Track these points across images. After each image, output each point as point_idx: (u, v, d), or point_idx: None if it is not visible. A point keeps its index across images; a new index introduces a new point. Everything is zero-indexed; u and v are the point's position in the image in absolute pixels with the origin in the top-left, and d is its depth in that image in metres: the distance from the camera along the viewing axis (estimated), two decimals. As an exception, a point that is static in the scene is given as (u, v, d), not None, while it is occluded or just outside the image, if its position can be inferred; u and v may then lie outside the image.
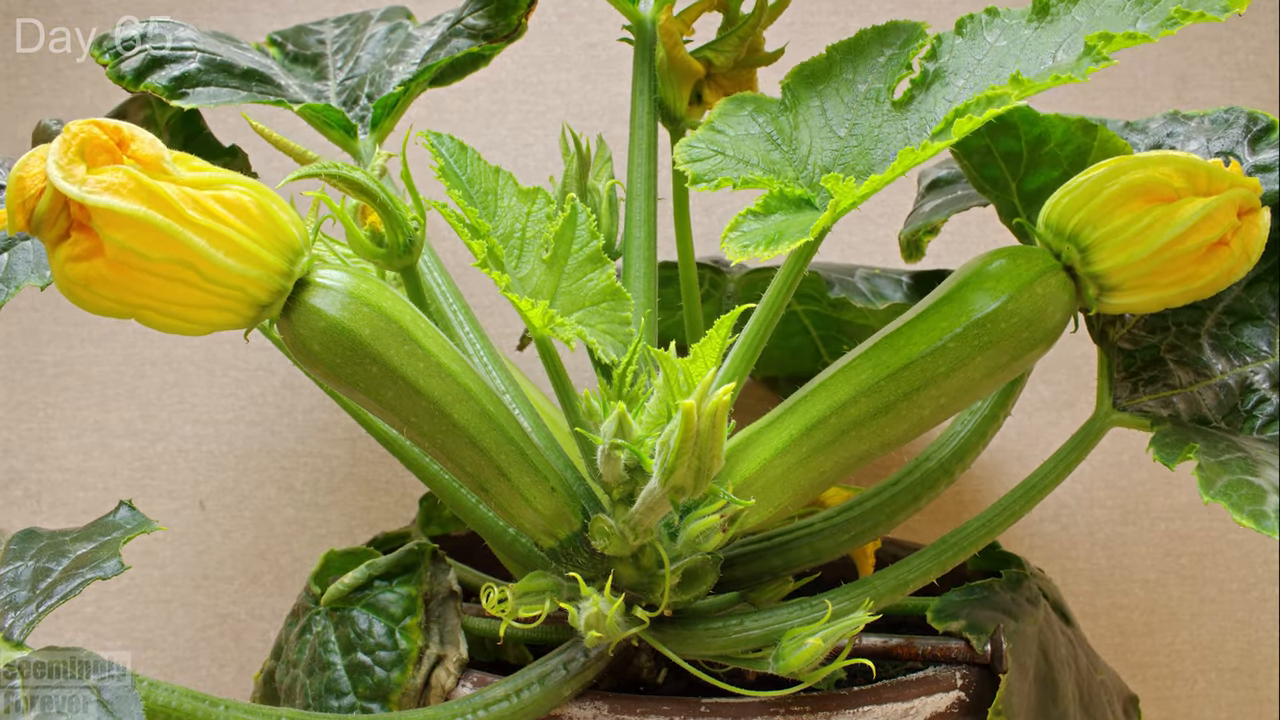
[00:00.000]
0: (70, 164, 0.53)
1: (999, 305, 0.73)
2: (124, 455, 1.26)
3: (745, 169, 0.80)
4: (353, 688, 0.78)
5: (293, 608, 0.89)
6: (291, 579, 1.26)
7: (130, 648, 1.24)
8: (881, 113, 0.82)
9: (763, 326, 0.81)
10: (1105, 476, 1.28)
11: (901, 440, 0.78)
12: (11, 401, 1.26)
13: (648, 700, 0.76)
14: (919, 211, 1.01)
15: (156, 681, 0.66)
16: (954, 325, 0.74)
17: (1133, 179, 0.71)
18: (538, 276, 0.79)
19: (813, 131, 0.84)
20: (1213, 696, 1.27)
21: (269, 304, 0.64)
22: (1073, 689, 0.85)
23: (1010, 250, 0.76)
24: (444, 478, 0.83)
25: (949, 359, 0.74)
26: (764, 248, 0.71)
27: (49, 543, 0.74)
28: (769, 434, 0.77)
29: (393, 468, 1.27)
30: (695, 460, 0.64)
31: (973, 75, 0.78)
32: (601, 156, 0.96)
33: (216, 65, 0.89)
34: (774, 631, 0.77)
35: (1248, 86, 1.31)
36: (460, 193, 0.80)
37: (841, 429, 0.76)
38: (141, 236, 0.56)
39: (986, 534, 0.82)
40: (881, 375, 0.74)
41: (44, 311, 1.27)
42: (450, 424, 0.71)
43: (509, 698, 0.75)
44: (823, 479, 0.77)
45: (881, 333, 0.78)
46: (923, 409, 0.75)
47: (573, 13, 1.32)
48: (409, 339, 0.69)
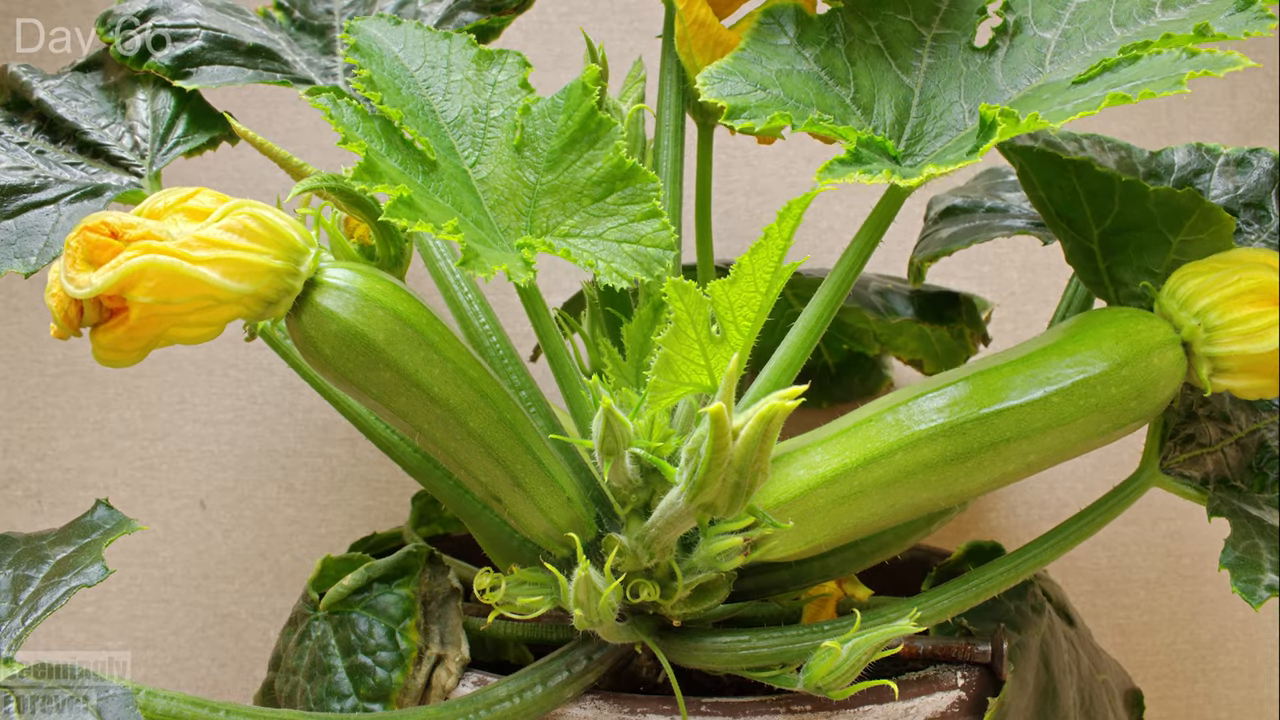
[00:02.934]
0: (78, 273, 0.58)
1: (1113, 368, 0.69)
2: (124, 455, 1.26)
3: (801, 108, 0.68)
4: (354, 690, 0.78)
5: (290, 617, 0.89)
6: (292, 579, 1.26)
7: (130, 648, 1.24)
8: (959, 62, 0.72)
9: (818, 322, 0.70)
10: (1105, 477, 1.28)
11: (969, 495, 0.70)
12: (12, 401, 1.26)
13: (648, 700, 0.75)
14: (934, 237, 0.97)
15: (155, 690, 0.64)
16: (1062, 379, 0.68)
17: (1261, 280, 0.70)
18: (505, 173, 0.64)
19: (875, 75, 0.73)
20: (1213, 696, 1.27)
21: (276, 301, 0.62)
22: (1074, 695, 0.84)
23: (1132, 313, 0.72)
24: (446, 484, 0.81)
25: (1049, 414, 0.68)
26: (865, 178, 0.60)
27: (26, 548, 0.70)
28: (817, 454, 0.68)
29: (393, 467, 1.26)
30: (734, 475, 0.55)
31: (1062, 29, 0.70)
32: (633, 76, 0.87)
33: (221, 42, 0.87)
34: (783, 651, 0.74)
35: (1249, 82, 1.31)
36: (377, 70, 0.64)
37: (908, 469, 0.67)
38: (160, 290, 0.58)
39: (1014, 575, 0.79)
40: (969, 416, 0.67)
41: (44, 311, 1.27)
42: (465, 433, 0.67)
43: (511, 698, 0.75)
44: (869, 523, 0.69)
45: (972, 366, 0.71)
46: (1007, 464, 0.68)
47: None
48: (425, 343, 0.65)
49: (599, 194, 0.62)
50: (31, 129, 0.86)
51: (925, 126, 0.72)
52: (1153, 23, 0.67)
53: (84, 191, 0.81)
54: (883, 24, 0.75)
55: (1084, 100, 0.61)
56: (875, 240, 0.72)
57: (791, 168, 1.29)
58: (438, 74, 0.68)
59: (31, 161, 0.83)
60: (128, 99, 0.87)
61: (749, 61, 0.70)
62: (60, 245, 0.75)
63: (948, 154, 0.67)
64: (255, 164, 1.26)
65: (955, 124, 0.70)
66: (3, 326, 1.26)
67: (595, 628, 0.71)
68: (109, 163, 0.84)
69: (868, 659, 0.67)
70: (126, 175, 0.84)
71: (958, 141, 0.70)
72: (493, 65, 0.69)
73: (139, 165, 0.84)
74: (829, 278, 0.73)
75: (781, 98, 0.67)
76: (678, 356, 0.60)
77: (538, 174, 0.63)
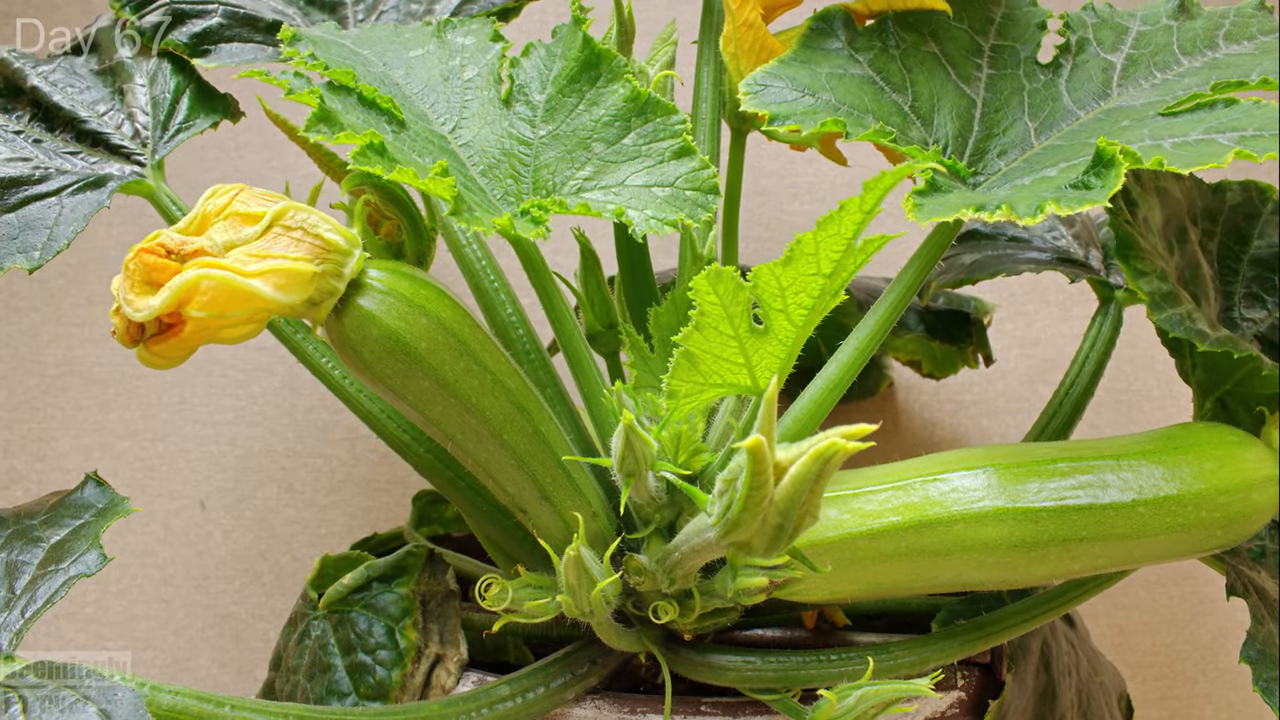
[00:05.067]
0: (137, 296, 0.59)
1: (1209, 492, 0.64)
2: (124, 455, 1.26)
3: (857, 115, 0.63)
4: (354, 688, 0.78)
5: (290, 617, 0.89)
6: (292, 579, 1.26)
7: (130, 648, 1.24)
8: (1021, 76, 0.68)
9: (871, 341, 0.64)
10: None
11: (1020, 585, 0.64)
12: (12, 402, 1.26)
13: (648, 699, 0.76)
14: (956, 261, 0.93)
15: (159, 684, 0.63)
16: (1154, 490, 0.63)
17: None
18: (494, 133, 0.54)
19: (934, 84, 0.68)
20: (1212, 696, 1.27)
21: (320, 302, 0.61)
22: (1072, 696, 0.84)
23: (1240, 439, 0.68)
24: (458, 485, 0.79)
25: (1131, 523, 0.63)
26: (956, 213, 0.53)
27: (16, 529, 0.67)
28: (868, 503, 0.63)
29: (392, 468, 1.26)
30: (777, 518, 0.48)
31: (1126, 52, 0.67)
32: (663, 39, 0.82)
33: (240, 19, 0.85)
34: (787, 676, 0.73)
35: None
36: (327, 57, 0.56)
37: (965, 544, 0.61)
38: (214, 304, 0.59)
39: (1028, 622, 0.76)
40: (1046, 504, 0.61)
41: (45, 312, 1.27)
42: (499, 444, 0.65)
43: (514, 697, 0.75)
44: (905, 587, 0.64)
45: (1057, 448, 0.66)
46: (1073, 563, 0.63)
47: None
48: (466, 353, 0.63)
49: (613, 136, 0.53)
50: (26, 117, 0.83)
51: (989, 143, 0.68)
52: (1219, 54, 0.66)
53: (86, 183, 0.79)
54: (936, 30, 0.71)
55: (1199, 147, 0.57)
56: (936, 258, 0.68)
57: (791, 168, 1.29)
58: (393, 51, 0.62)
59: (30, 152, 0.80)
60: (125, 84, 0.84)
61: (797, 65, 0.66)
62: (63, 239, 0.74)
63: (1043, 188, 0.60)
64: (256, 164, 1.26)
65: (1019, 142, 0.67)
66: (3, 327, 1.26)
67: (586, 619, 0.68)
68: (109, 151, 0.82)
69: (877, 713, 0.63)
70: (128, 164, 0.81)
71: (1024, 162, 0.65)
72: (453, 31, 0.63)
73: (141, 154, 0.82)
74: (886, 294, 0.69)
75: (833, 103, 0.63)
76: (705, 354, 0.54)
77: (534, 127, 0.56)
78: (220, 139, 1.24)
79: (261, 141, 1.26)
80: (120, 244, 1.23)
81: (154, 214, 0.82)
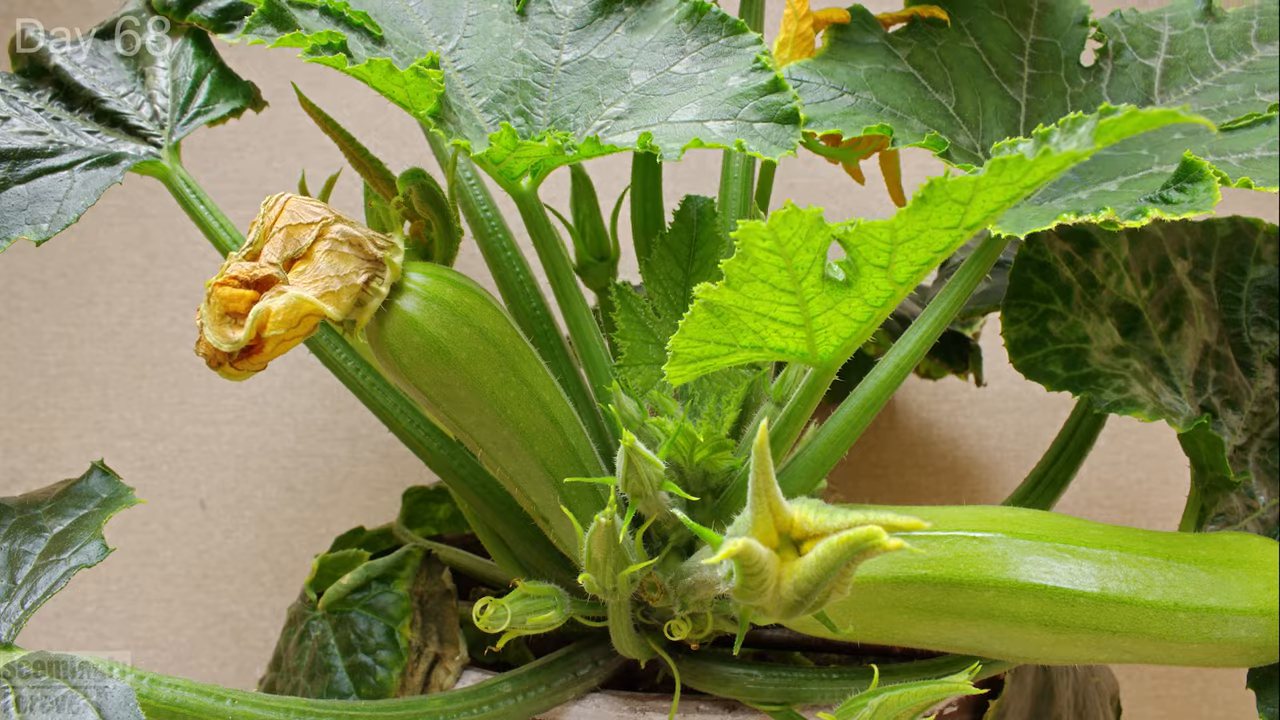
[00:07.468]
0: (224, 328, 0.62)
1: (1253, 612, 0.62)
2: (125, 455, 1.26)
3: (900, 116, 0.58)
4: (354, 688, 0.78)
5: (289, 617, 0.89)
6: (292, 578, 1.26)
7: (130, 648, 1.24)
8: (1062, 78, 0.66)
9: (911, 358, 0.59)
10: (1103, 476, 1.28)
11: (1038, 662, 0.62)
12: (13, 401, 1.26)
13: (647, 698, 0.76)
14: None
15: (159, 677, 0.62)
16: (1198, 598, 0.60)
17: None
18: (506, 55, 0.42)
19: (977, 83, 0.64)
20: (1212, 696, 1.27)
21: (365, 303, 0.61)
22: (1069, 696, 0.85)
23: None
24: (471, 484, 0.78)
25: (1169, 626, 0.60)
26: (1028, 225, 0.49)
27: (20, 518, 0.67)
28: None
29: (392, 468, 1.27)
30: (794, 597, 0.42)
31: (1163, 58, 0.66)
32: None
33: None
34: (789, 692, 0.73)
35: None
36: None
37: (994, 613, 0.57)
38: (285, 323, 0.61)
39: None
40: (1085, 590, 0.57)
41: (45, 312, 1.27)
42: (529, 455, 0.65)
43: (515, 695, 0.75)
44: (919, 640, 0.61)
45: (1106, 532, 0.62)
46: (1099, 652, 0.60)
47: None
48: (505, 363, 0.62)
49: (661, 62, 0.41)
50: (48, 95, 0.83)
51: None
52: (1255, 56, 0.66)
53: (99, 159, 0.78)
54: (975, 22, 0.66)
55: (1264, 164, 0.55)
56: (983, 272, 0.64)
57: (791, 168, 1.29)
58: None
59: (47, 127, 0.80)
60: (147, 67, 0.84)
61: (834, 63, 0.60)
62: (73, 213, 0.73)
63: (1137, 192, 0.57)
64: (256, 164, 1.26)
65: None
66: (3, 327, 1.27)
67: (606, 597, 0.65)
68: (127, 131, 0.82)
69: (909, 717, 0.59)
70: (144, 145, 0.81)
71: (1075, 173, 0.62)
72: None
73: (157, 135, 0.82)
74: (929, 310, 0.64)
75: (875, 103, 0.57)
76: (742, 310, 0.42)
77: (557, 49, 0.45)
78: (221, 139, 1.24)
79: (262, 142, 1.26)
80: (121, 244, 1.23)
81: (155, 214, 0.82)
